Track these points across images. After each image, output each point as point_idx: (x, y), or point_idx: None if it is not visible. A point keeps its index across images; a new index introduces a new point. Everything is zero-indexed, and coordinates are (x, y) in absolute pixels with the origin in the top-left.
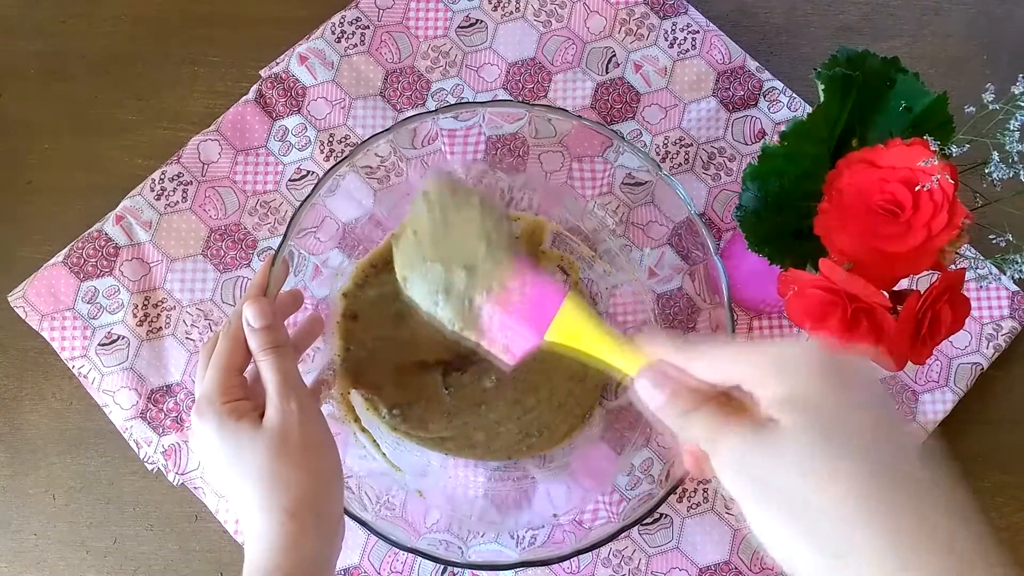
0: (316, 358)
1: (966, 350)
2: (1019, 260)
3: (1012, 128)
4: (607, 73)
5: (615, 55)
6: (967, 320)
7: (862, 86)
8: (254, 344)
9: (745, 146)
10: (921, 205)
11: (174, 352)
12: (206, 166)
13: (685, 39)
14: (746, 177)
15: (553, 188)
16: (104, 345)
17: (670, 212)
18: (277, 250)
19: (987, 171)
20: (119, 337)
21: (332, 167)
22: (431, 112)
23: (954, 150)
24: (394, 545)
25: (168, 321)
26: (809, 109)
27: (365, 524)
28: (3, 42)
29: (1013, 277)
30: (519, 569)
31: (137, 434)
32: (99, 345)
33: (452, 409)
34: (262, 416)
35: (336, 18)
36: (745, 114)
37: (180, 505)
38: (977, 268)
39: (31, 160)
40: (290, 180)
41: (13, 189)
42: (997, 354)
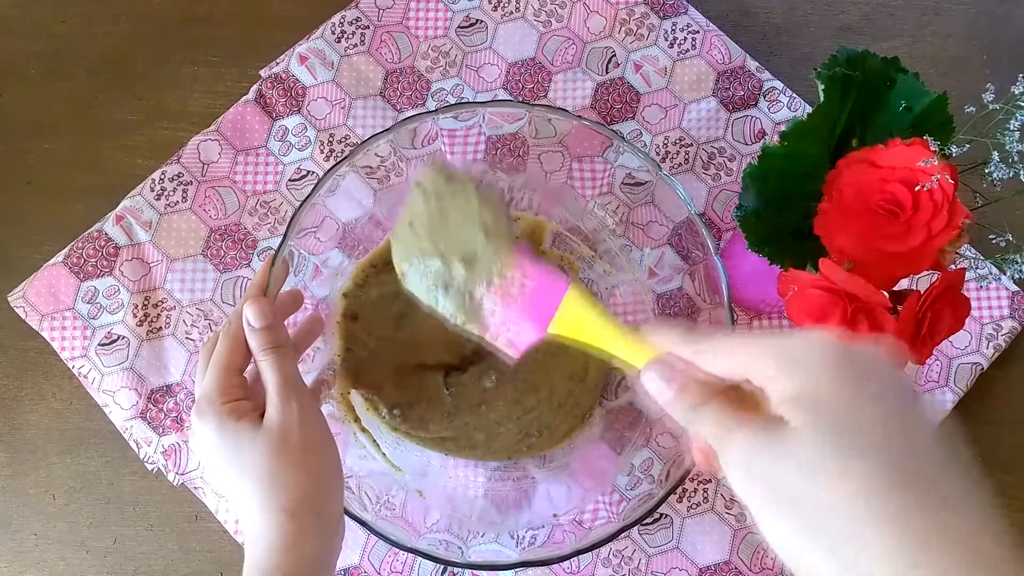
0: (316, 358)
1: (966, 350)
2: (1019, 260)
3: (1012, 128)
4: (607, 73)
5: (615, 55)
6: (967, 320)
7: (862, 86)
8: (254, 344)
9: (745, 146)
10: (921, 205)
11: (174, 352)
12: (206, 166)
13: (685, 39)
14: (746, 177)
15: (553, 188)
16: (104, 345)
17: (670, 212)
18: (277, 250)
19: (987, 171)
20: (119, 337)
21: (332, 167)
22: (431, 112)
23: (954, 150)
24: (394, 545)
25: (168, 321)
26: (809, 109)
27: (365, 524)
28: (3, 42)
29: (1013, 277)
30: (519, 569)
31: (137, 434)
32: (99, 345)
33: (452, 409)
34: (262, 416)
35: (336, 18)
36: (745, 114)
37: (180, 505)
38: (977, 268)
39: (31, 160)
40: (290, 180)
41: (13, 189)
42: (997, 354)
